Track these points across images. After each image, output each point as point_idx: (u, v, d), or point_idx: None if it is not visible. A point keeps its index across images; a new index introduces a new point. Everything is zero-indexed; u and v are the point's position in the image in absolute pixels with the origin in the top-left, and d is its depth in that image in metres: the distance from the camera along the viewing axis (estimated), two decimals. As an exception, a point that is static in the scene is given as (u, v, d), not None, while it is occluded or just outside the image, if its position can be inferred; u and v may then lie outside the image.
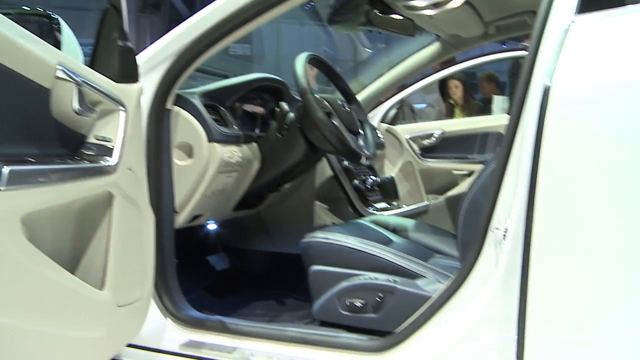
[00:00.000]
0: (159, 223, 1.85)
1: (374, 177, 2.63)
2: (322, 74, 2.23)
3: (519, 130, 1.37)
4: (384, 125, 3.37)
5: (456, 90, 5.23)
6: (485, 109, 5.01)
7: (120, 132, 1.46)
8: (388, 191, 2.57)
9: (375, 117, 3.35)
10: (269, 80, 2.25)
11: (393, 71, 3.19)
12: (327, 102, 2.05)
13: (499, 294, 1.34)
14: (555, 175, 1.25)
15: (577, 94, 1.25)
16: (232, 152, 1.95)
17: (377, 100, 3.29)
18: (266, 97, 2.29)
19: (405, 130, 3.41)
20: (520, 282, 1.26)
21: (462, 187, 3.07)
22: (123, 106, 1.47)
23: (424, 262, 1.83)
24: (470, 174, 3.09)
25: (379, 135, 3.19)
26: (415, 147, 3.34)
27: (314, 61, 2.08)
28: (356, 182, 2.49)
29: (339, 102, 2.11)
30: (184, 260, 2.42)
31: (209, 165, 1.89)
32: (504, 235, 1.34)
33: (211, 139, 1.88)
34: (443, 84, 5.42)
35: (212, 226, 2.47)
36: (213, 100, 2.00)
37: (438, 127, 3.36)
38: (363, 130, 2.21)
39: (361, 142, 2.14)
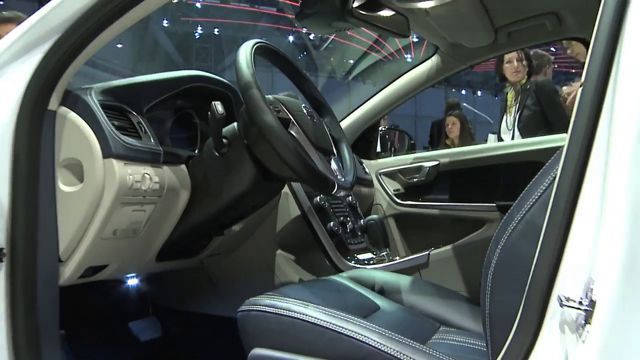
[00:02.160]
0: (30, 278, 1.21)
1: (356, 219, 1.96)
2: (284, 74, 1.58)
3: (606, 101, 0.74)
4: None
5: (453, 128, 4.63)
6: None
7: None
8: (375, 237, 1.89)
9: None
10: (209, 81, 1.60)
11: (382, 94, 2.57)
12: (284, 105, 1.41)
13: None
14: None
15: None
16: (144, 175, 1.29)
17: (361, 129, 2.65)
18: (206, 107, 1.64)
19: (377, 164, 2.68)
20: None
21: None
22: None
23: (424, 344, 1.16)
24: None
25: (365, 169, 2.53)
26: (389, 186, 2.61)
27: (264, 50, 1.44)
28: (332, 224, 1.81)
29: (304, 109, 1.46)
30: (95, 329, 1.74)
31: (105, 191, 1.24)
32: (587, 313, 0.68)
33: (107, 153, 1.23)
34: (437, 123, 4.85)
35: (134, 281, 1.79)
36: (121, 101, 1.36)
37: (430, 157, 2.58)
38: (338, 151, 1.56)
39: (334, 165, 1.48)
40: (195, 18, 16.32)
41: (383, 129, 2.79)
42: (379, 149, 2.76)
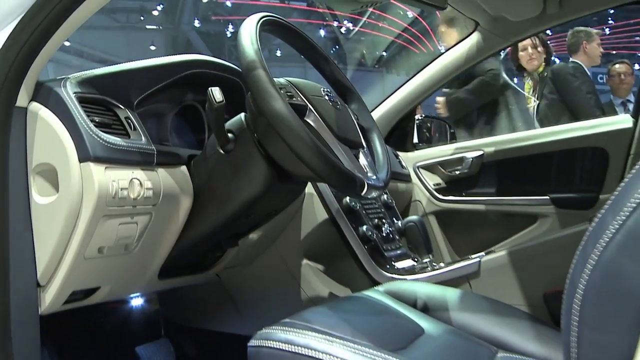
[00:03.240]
0: (2, 307, 1.01)
1: (392, 221, 1.69)
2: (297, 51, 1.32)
3: None
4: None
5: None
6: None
7: None
8: (415, 241, 1.62)
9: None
10: (214, 66, 1.35)
11: (417, 79, 2.30)
12: (299, 89, 1.16)
13: None
14: None
15: None
16: (132, 181, 1.06)
17: (395, 119, 2.38)
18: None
19: (415, 156, 2.38)
20: None
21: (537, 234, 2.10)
22: None
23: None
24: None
25: (401, 162, 2.26)
26: (429, 180, 2.33)
27: (272, 24, 1.18)
28: (365, 228, 1.55)
29: (325, 93, 1.21)
30: (98, 357, 1.53)
31: (83, 202, 1.01)
32: None
33: (84, 155, 1.00)
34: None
35: (142, 299, 1.57)
36: (104, 93, 1.12)
37: (473, 147, 2.29)
38: (368, 142, 1.30)
39: (364, 160, 1.23)
40: (226, 17, 16.18)
41: (419, 117, 2.50)
42: (415, 139, 2.48)
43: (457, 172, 2.31)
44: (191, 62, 1.29)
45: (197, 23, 16.15)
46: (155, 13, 15.44)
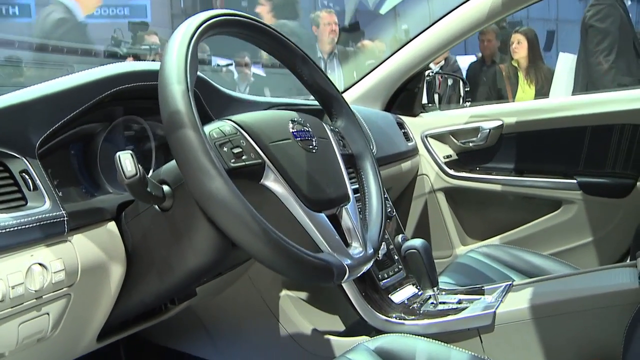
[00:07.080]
0: None
1: (391, 235, 1.39)
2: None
3: None
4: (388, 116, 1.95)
5: (519, 48, 3.84)
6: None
7: None
8: (417, 272, 1.30)
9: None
10: (150, 77, 1.00)
11: (432, 32, 1.92)
12: (250, 133, 0.83)
13: None
14: None
15: None
16: (30, 269, 0.77)
17: (403, 78, 2.02)
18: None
19: (423, 122, 2.06)
20: None
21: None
22: None
23: None
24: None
25: (409, 133, 1.95)
26: (438, 152, 2.04)
27: (222, 26, 0.82)
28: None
29: (293, 130, 0.88)
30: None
31: None
32: None
33: None
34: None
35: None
36: None
37: (491, 115, 1.96)
38: (358, 177, 0.99)
39: (347, 223, 0.90)
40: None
41: (432, 73, 2.13)
42: (425, 99, 2.14)
43: (471, 144, 1.99)
44: (116, 79, 0.94)
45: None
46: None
